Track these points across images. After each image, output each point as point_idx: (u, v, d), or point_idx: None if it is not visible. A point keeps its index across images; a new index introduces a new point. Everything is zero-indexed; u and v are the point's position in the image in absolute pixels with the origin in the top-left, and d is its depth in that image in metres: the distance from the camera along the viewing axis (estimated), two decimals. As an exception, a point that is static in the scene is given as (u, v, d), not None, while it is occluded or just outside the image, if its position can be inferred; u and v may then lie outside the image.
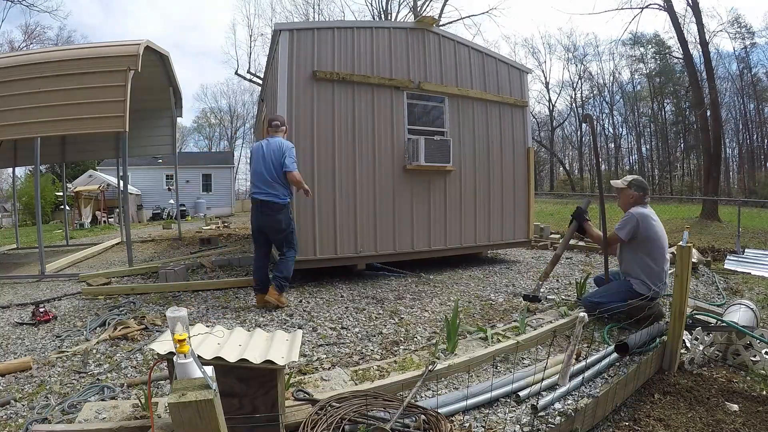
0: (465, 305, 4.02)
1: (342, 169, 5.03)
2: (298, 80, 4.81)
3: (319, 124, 4.88)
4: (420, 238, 5.60)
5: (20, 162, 9.80)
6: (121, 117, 5.63)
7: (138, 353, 2.89)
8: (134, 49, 5.86)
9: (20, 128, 5.69)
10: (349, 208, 5.10)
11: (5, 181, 27.77)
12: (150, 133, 10.01)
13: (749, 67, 31.48)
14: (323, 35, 5.00)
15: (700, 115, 15.58)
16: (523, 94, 6.62)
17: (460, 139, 5.90)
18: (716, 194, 15.49)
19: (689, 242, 2.70)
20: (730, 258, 6.76)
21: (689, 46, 16.18)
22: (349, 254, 5.11)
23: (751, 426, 2.05)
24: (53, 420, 2.02)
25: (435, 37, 5.76)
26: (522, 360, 2.70)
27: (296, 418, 1.82)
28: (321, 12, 28.46)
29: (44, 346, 3.09)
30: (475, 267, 5.98)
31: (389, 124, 5.38)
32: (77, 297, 4.57)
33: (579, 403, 2.05)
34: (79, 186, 19.00)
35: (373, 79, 5.23)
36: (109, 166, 20.51)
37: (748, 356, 2.71)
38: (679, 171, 37.14)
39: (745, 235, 9.00)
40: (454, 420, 1.97)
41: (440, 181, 5.74)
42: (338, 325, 3.47)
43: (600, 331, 3.19)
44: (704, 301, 4.23)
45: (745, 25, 30.47)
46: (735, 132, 34.61)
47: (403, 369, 2.50)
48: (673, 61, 31.52)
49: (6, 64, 5.87)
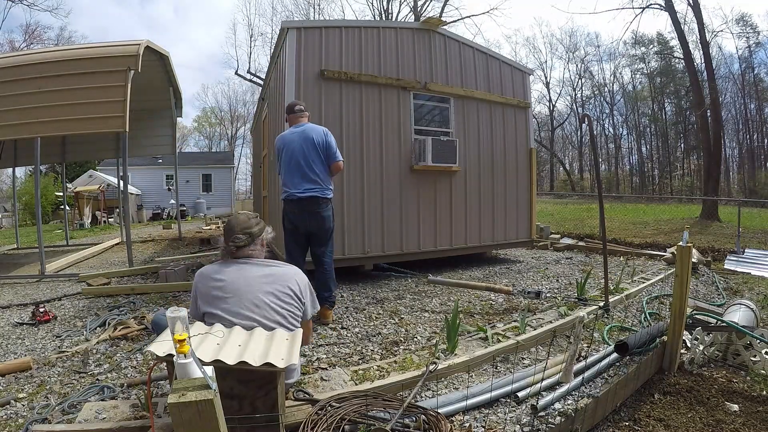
0: (465, 305, 4.02)
1: (350, 169, 5.01)
2: (306, 79, 4.80)
3: (326, 123, 4.84)
4: (426, 239, 5.61)
5: (20, 162, 9.80)
6: (121, 117, 5.62)
7: (138, 353, 2.88)
8: (134, 49, 5.86)
9: (20, 128, 5.69)
10: (357, 209, 5.10)
11: (5, 181, 27.78)
12: (150, 133, 10.00)
13: (752, 67, 31.48)
14: (331, 34, 5.00)
15: (700, 115, 15.56)
16: (525, 96, 6.65)
17: (465, 139, 5.92)
18: (716, 194, 15.48)
19: (689, 242, 2.70)
20: (730, 258, 6.77)
21: (690, 46, 16.19)
22: (357, 255, 5.10)
23: (751, 426, 2.05)
24: (53, 420, 2.02)
25: (441, 38, 5.77)
26: (522, 360, 2.70)
27: (296, 418, 1.82)
28: (321, 11, 28.51)
29: (44, 346, 3.09)
30: (475, 267, 5.98)
31: (396, 125, 5.38)
32: (77, 297, 4.57)
33: (579, 403, 2.05)
34: (79, 186, 19.00)
35: (380, 79, 5.23)
36: (109, 166, 20.52)
37: (748, 356, 2.70)
38: (679, 171, 37.14)
39: (745, 235, 8.99)
40: (454, 420, 1.97)
41: (446, 181, 5.76)
42: (338, 325, 3.47)
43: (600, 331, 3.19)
44: (704, 301, 4.24)
45: (750, 24, 30.49)
46: (735, 132, 34.64)
47: (403, 369, 2.49)
48: (674, 61, 31.53)
49: (6, 64, 5.87)
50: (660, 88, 35.88)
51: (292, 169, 3.47)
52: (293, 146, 3.48)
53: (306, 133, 3.49)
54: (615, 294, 4.04)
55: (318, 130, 3.53)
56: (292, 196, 3.46)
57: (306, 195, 3.41)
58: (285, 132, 3.69)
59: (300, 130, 3.55)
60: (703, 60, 15.74)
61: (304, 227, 3.52)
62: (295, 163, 3.45)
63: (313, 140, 3.46)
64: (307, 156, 3.44)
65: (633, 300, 4.06)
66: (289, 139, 3.54)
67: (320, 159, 3.48)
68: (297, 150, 3.46)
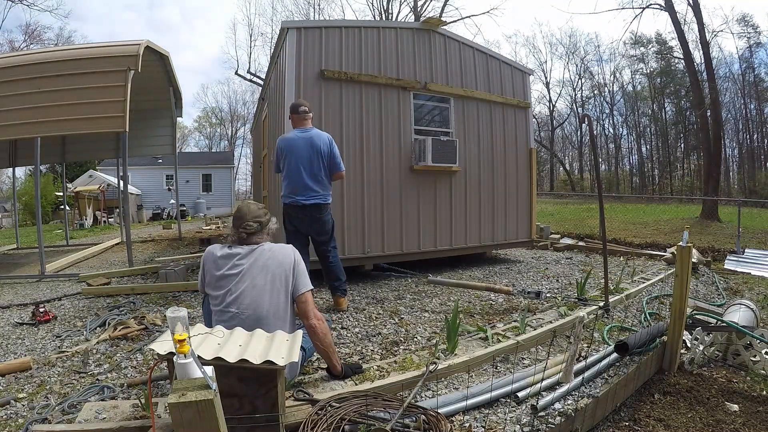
0: (465, 305, 4.02)
1: (350, 169, 4.99)
2: (306, 79, 4.80)
3: (326, 123, 4.86)
4: (426, 238, 5.61)
5: (20, 162, 9.81)
6: (121, 117, 5.63)
7: (138, 353, 2.88)
8: (134, 49, 5.86)
9: (20, 128, 5.69)
10: (357, 209, 5.10)
11: (5, 181, 27.78)
12: (150, 133, 10.01)
13: (752, 67, 31.48)
14: (331, 34, 4.99)
15: (700, 115, 15.58)
16: (525, 96, 6.65)
17: (465, 139, 5.92)
18: (716, 194, 15.48)
19: (689, 242, 2.70)
20: (730, 258, 6.77)
21: (690, 46, 16.19)
22: (357, 255, 5.10)
23: (751, 426, 2.05)
24: (53, 420, 2.02)
25: (441, 38, 5.77)
26: (522, 360, 2.70)
27: (296, 418, 1.82)
28: (321, 11, 28.52)
29: (44, 346, 3.09)
30: (475, 267, 5.98)
31: (396, 125, 5.38)
32: (77, 297, 4.57)
33: (579, 403, 2.05)
34: (79, 186, 19.01)
35: (380, 78, 5.23)
36: (109, 166, 20.52)
37: (748, 356, 2.71)
38: (680, 171, 37.15)
39: (745, 235, 8.99)
40: (454, 420, 1.97)
41: (446, 181, 5.76)
42: (338, 325, 3.47)
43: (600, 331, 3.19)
44: (704, 301, 4.24)
45: (752, 24, 30.47)
46: (735, 132, 34.63)
47: (403, 369, 2.49)
48: (674, 61, 31.54)
49: (6, 64, 5.88)
50: (660, 88, 35.87)
51: (298, 176, 3.57)
52: (300, 152, 3.57)
53: (313, 140, 3.60)
54: (615, 294, 4.04)
55: (324, 139, 3.64)
56: (296, 202, 3.59)
57: (310, 202, 3.56)
58: (289, 134, 3.75)
59: (307, 135, 3.63)
60: (703, 60, 15.74)
61: (305, 230, 3.66)
62: (301, 170, 3.57)
63: (320, 149, 3.59)
64: (312, 164, 3.57)
65: (633, 300, 4.06)
66: (294, 144, 3.62)
67: (324, 167, 3.62)
68: (304, 157, 3.57)
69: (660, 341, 2.76)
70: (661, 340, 2.77)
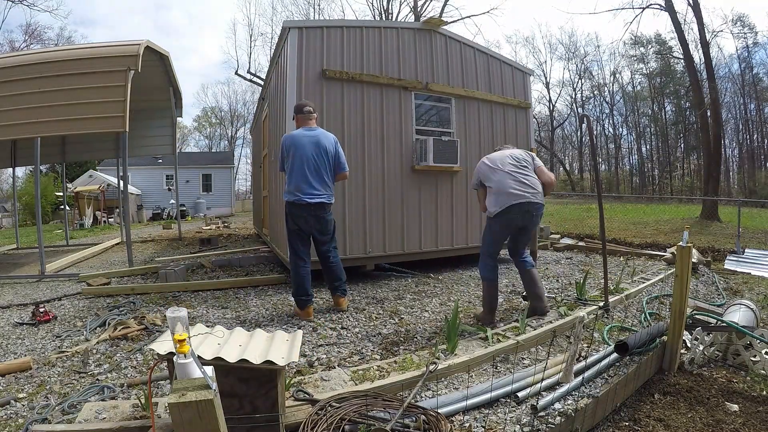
0: (465, 305, 4.02)
1: (352, 169, 4.97)
2: (307, 79, 4.80)
3: (328, 123, 4.86)
4: (428, 238, 5.61)
5: (20, 162, 9.81)
6: (121, 117, 5.63)
7: (138, 353, 2.89)
8: (134, 49, 5.86)
9: (20, 128, 5.69)
10: (359, 209, 5.10)
11: (5, 181, 27.78)
12: (150, 133, 10.02)
13: (751, 67, 31.51)
14: (332, 34, 4.99)
15: (700, 115, 15.57)
16: (526, 96, 6.66)
17: (467, 139, 5.92)
18: (716, 194, 15.48)
19: (689, 242, 2.70)
20: (730, 258, 6.76)
21: (690, 46, 16.18)
22: (359, 255, 5.11)
23: (751, 426, 2.05)
24: (53, 420, 2.02)
25: (442, 38, 5.77)
26: (522, 360, 2.70)
27: (296, 418, 1.82)
28: (322, 11, 28.51)
29: (44, 346, 3.09)
30: (475, 267, 5.96)
31: (398, 125, 5.39)
32: (77, 297, 4.57)
33: (579, 403, 2.05)
34: (79, 186, 19.02)
35: (381, 78, 5.23)
36: (109, 166, 20.55)
37: (748, 356, 2.70)
38: (679, 171, 37.15)
39: (745, 235, 8.99)
40: (454, 420, 1.97)
41: (447, 181, 5.76)
42: (338, 325, 3.47)
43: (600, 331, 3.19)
44: (704, 301, 4.23)
45: (749, 24, 30.54)
46: (735, 132, 34.65)
47: (403, 369, 2.49)
48: (674, 61, 31.55)
49: (6, 64, 5.88)
50: (660, 88, 35.89)
51: (303, 174, 3.59)
52: (306, 151, 3.59)
53: (320, 140, 3.64)
54: (615, 294, 4.04)
55: (330, 139, 3.70)
56: (301, 201, 3.60)
57: (315, 201, 3.59)
58: (295, 132, 3.75)
59: (313, 134, 3.67)
60: (703, 60, 15.73)
61: (308, 229, 3.69)
62: (307, 169, 3.58)
63: (326, 149, 3.64)
64: (318, 164, 3.60)
65: (633, 300, 4.06)
66: (301, 143, 3.63)
67: (330, 167, 3.66)
68: (310, 156, 3.59)
69: (660, 341, 2.76)
70: (661, 340, 2.77)
